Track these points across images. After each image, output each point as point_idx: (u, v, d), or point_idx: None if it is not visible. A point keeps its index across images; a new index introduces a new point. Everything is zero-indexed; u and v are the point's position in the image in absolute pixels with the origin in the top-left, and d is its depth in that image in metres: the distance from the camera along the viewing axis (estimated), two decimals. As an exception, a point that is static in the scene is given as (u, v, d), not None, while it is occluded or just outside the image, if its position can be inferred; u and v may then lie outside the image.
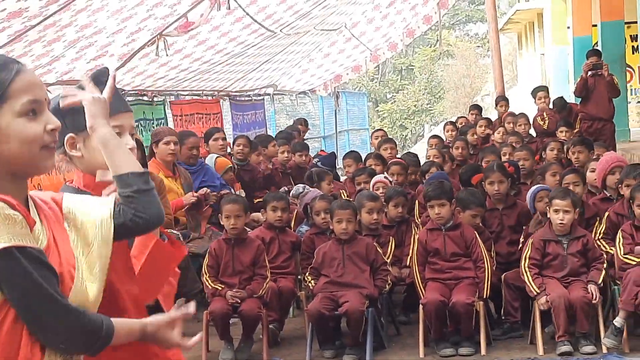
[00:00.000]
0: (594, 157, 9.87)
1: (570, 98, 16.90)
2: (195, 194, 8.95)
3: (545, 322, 7.59)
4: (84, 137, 3.39)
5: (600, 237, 7.95)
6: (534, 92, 15.12)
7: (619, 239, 7.53)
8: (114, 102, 3.45)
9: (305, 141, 14.53)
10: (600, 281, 7.47)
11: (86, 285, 2.59)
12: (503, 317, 8.07)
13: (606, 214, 8.03)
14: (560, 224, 7.62)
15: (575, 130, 13.28)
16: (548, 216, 7.79)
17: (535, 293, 7.51)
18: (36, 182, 8.18)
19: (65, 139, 3.35)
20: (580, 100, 14.44)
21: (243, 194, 10.08)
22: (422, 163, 11.28)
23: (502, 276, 7.99)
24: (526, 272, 7.61)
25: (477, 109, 18.22)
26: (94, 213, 2.76)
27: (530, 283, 7.56)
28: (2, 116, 2.46)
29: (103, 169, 3.30)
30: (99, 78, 3.46)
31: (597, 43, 18.37)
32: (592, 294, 7.37)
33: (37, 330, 2.43)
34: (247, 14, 11.86)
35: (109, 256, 2.71)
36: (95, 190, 3.42)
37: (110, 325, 2.55)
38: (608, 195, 8.49)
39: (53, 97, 3.13)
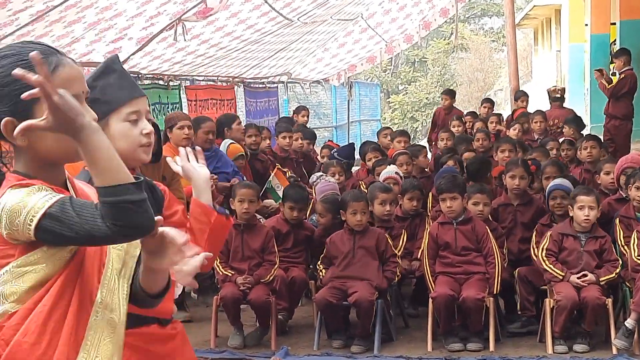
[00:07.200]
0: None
1: (586, 95, 16.84)
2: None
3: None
4: None
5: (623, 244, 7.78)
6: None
7: (634, 239, 7.48)
8: (129, 88, 3.48)
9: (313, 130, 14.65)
10: (603, 279, 7.44)
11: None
12: (519, 312, 8.02)
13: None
14: (586, 219, 7.57)
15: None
16: (558, 214, 7.77)
17: (560, 277, 7.48)
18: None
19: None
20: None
21: None
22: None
23: (516, 271, 7.95)
24: (544, 260, 7.57)
25: (489, 102, 18.07)
26: None
27: (552, 269, 7.52)
28: (36, 113, 2.50)
29: None
30: (111, 66, 3.49)
31: (615, 41, 18.29)
32: (588, 281, 7.41)
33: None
34: (266, 1, 11.86)
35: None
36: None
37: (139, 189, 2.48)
38: (624, 195, 8.23)
39: None
